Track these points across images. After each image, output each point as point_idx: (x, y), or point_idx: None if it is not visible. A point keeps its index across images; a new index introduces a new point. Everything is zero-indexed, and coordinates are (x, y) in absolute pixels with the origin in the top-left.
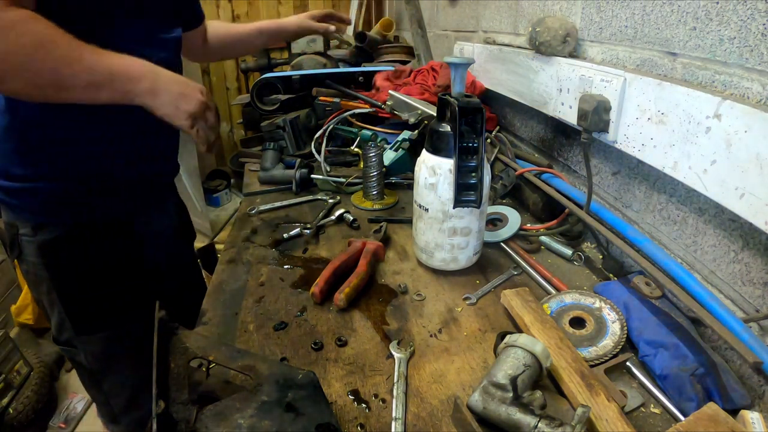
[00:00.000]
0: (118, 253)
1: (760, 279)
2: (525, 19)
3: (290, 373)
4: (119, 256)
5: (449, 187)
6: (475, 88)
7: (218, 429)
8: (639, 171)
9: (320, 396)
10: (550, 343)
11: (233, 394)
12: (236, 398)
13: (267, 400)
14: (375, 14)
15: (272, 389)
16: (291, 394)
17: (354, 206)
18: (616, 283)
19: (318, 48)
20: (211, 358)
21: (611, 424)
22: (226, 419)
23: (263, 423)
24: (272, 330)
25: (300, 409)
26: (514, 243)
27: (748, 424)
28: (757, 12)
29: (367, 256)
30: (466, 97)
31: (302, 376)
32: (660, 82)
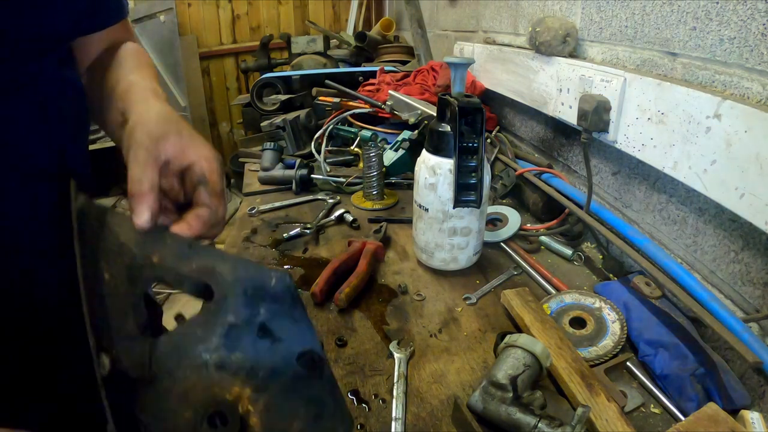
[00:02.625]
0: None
1: (760, 279)
2: (525, 19)
3: (260, 277)
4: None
5: (449, 187)
6: (475, 88)
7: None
8: (639, 171)
9: (299, 311)
10: (550, 343)
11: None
12: (196, 322)
13: (234, 323)
14: (375, 14)
15: (239, 305)
16: (263, 311)
17: (354, 206)
18: (616, 283)
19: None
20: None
21: (611, 424)
22: (188, 354)
23: (233, 356)
24: None
25: (276, 331)
26: (514, 243)
27: (748, 424)
28: (757, 12)
29: (367, 256)
30: (466, 97)
31: (275, 282)
32: (660, 82)
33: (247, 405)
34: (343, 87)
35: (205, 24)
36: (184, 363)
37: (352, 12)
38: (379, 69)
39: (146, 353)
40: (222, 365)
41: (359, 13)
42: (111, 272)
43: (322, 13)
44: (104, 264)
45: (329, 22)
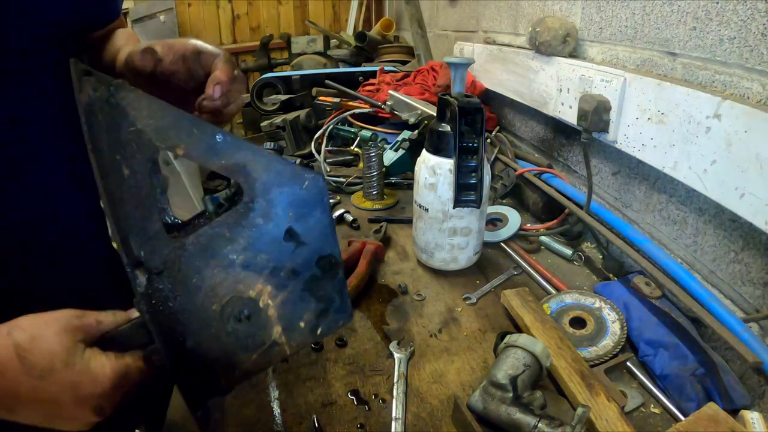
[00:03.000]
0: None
1: (760, 279)
2: (525, 19)
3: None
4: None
5: (449, 187)
6: (475, 88)
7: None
8: (639, 171)
9: (325, 214)
10: (550, 343)
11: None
12: (226, 222)
13: (262, 225)
14: (375, 14)
15: (269, 207)
16: (292, 214)
17: (354, 206)
18: (616, 283)
19: (318, 48)
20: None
21: (611, 424)
22: (216, 254)
23: (259, 257)
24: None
25: (301, 235)
26: (514, 243)
27: (748, 424)
28: (757, 12)
29: (367, 256)
30: (466, 97)
31: (308, 184)
32: (660, 82)
33: (266, 299)
34: (343, 87)
35: (205, 24)
36: (212, 263)
37: (352, 12)
38: (379, 69)
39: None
40: (247, 265)
41: (359, 13)
42: (130, 166)
43: (322, 13)
44: (121, 158)
45: (329, 22)
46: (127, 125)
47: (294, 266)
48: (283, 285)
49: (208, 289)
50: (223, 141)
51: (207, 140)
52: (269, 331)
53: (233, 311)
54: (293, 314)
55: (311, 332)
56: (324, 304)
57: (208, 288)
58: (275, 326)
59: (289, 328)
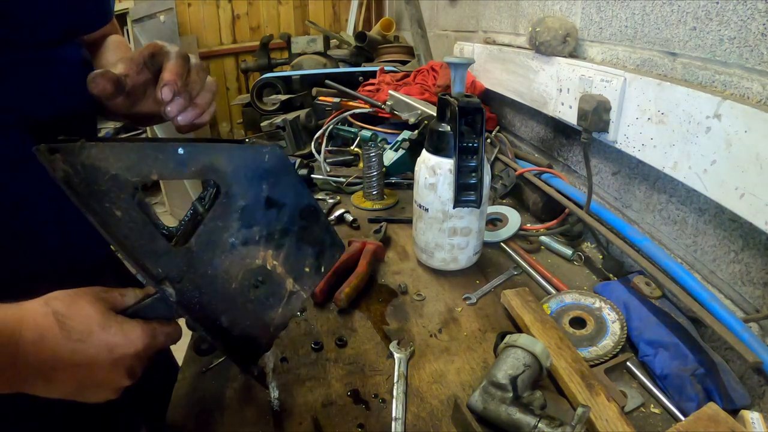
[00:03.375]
0: None
1: (760, 279)
2: (525, 19)
3: (254, 157)
4: None
5: (449, 187)
6: (475, 88)
7: (217, 258)
8: (639, 171)
9: (293, 175)
10: (550, 343)
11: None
12: (214, 215)
13: (245, 204)
14: (375, 14)
15: (244, 188)
16: (265, 186)
17: (354, 206)
18: (616, 283)
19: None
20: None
21: (611, 424)
22: (218, 244)
23: (252, 231)
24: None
25: (279, 199)
26: (514, 243)
27: (748, 424)
28: (757, 12)
29: (367, 256)
30: (466, 97)
31: (269, 157)
32: (660, 82)
33: (272, 261)
34: (343, 87)
35: (205, 24)
36: (217, 252)
37: (352, 12)
38: (379, 69)
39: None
40: (246, 241)
41: (359, 13)
42: (120, 208)
43: (322, 13)
44: (110, 204)
45: (329, 22)
46: (102, 176)
47: (283, 226)
48: (281, 244)
49: (223, 274)
50: (185, 152)
51: (172, 158)
52: (284, 286)
53: (249, 282)
54: (297, 264)
55: (317, 272)
56: (318, 246)
57: (222, 272)
58: (287, 279)
59: (298, 277)
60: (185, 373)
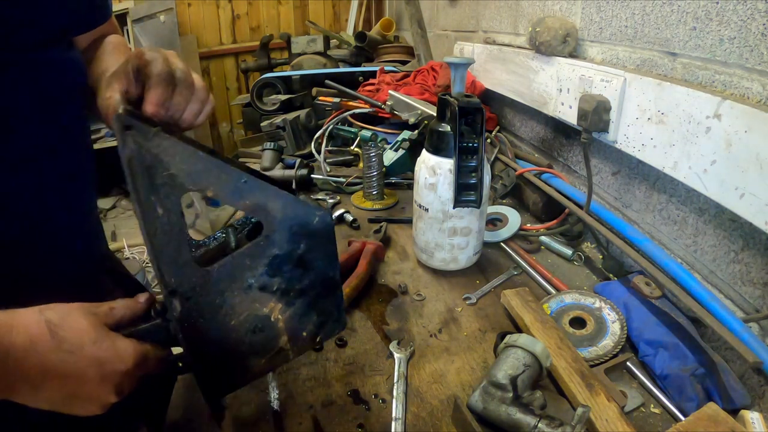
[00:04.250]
0: None
1: (760, 279)
2: (525, 19)
3: (306, 216)
4: None
5: (449, 187)
6: (475, 88)
7: (230, 292)
8: (639, 171)
9: (331, 244)
10: (550, 343)
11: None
12: (247, 253)
13: (278, 254)
14: (375, 14)
15: (284, 239)
16: (303, 245)
17: (354, 206)
18: (616, 283)
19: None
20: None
21: (611, 424)
22: (237, 279)
23: (273, 281)
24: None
25: (310, 262)
26: (514, 243)
27: (748, 424)
28: (757, 12)
29: (367, 256)
30: (466, 97)
31: (318, 220)
32: (660, 82)
33: (277, 314)
34: (343, 87)
35: (205, 24)
36: (234, 286)
37: (352, 12)
38: (379, 69)
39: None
40: (263, 287)
41: (359, 13)
42: (164, 206)
43: (322, 13)
44: (156, 199)
45: (329, 22)
46: (161, 170)
47: (302, 287)
48: (292, 303)
49: (229, 308)
50: (247, 183)
51: (233, 183)
52: (278, 340)
53: (249, 326)
54: (298, 326)
55: (311, 340)
56: (324, 317)
57: (229, 307)
58: (283, 336)
59: (294, 337)
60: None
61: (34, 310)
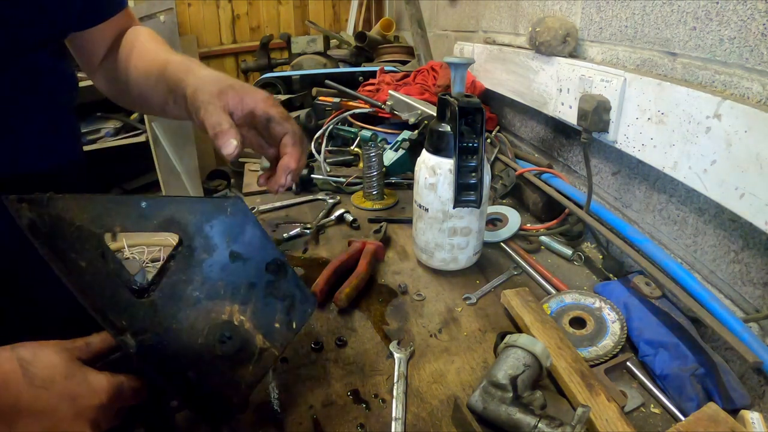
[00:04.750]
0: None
1: (760, 279)
2: (525, 19)
3: (217, 210)
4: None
5: (449, 187)
6: (475, 88)
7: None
8: (639, 171)
9: (255, 228)
10: (550, 343)
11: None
12: (177, 270)
13: (207, 258)
14: (375, 14)
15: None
16: (228, 240)
17: (354, 206)
18: (616, 283)
19: (318, 48)
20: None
21: (611, 424)
22: (182, 297)
23: (217, 285)
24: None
25: (243, 253)
26: (514, 243)
27: (748, 424)
28: (757, 12)
29: (367, 256)
30: (466, 97)
31: (231, 210)
32: (660, 82)
33: (239, 316)
34: (343, 87)
35: (205, 24)
36: (181, 305)
37: (352, 12)
38: (379, 69)
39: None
40: (210, 295)
41: (359, 13)
42: (84, 258)
43: (322, 13)
44: (75, 255)
45: (329, 22)
46: (68, 227)
47: (249, 280)
48: (247, 299)
49: (188, 328)
50: (147, 206)
51: (135, 211)
52: (253, 342)
53: (216, 337)
54: (266, 319)
55: (288, 329)
56: (288, 301)
57: (188, 327)
58: (256, 335)
59: (268, 333)
60: None
61: (6, 349)
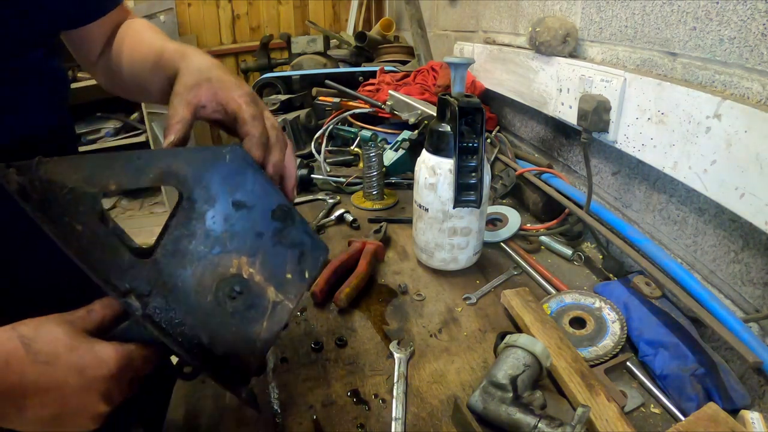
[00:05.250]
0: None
1: (760, 279)
2: (525, 19)
3: (215, 159)
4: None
5: (449, 187)
6: (475, 88)
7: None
8: (639, 171)
9: (257, 173)
10: (550, 343)
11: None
12: (177, 223)
13: (209, 209)
14: (375, 14)
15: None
16: (230, 188)
17: (354, 206)
18: (616, 283)
19: (318, 48)
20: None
21: (611, 424)
22: (186, 253)
23: (222, 236)
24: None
25: (246, 201)
26: (514, 243)
27: (748, 424)
28: (757, 12)
29: (367, 256)
30: (466, 97)
31: (230, 157)
32: (660, 82)
33: (248, 269)
34: (343, 87)
35: (205, 24)
36: (186, 262)
37: (352, 12)
38: (379, 69)
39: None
40: (216, 248)
41: (359, 13)
42: (80, 221)
43: (322, 13)
44: (69, 218)
45: (329, 22)
46: (60, 190)
47: (255, 230)
48: (255, 250)
49: (196, 286)
50: (141, 159)
51: (130, 165)
52: (266, 295)
53: (225, 293)
54: (277, 270)
55: (301, 278)
56: (298, 249)
57: (195, 285)
58: (268, 288)
59: (280, 285)
60: None
61: (6, 328)
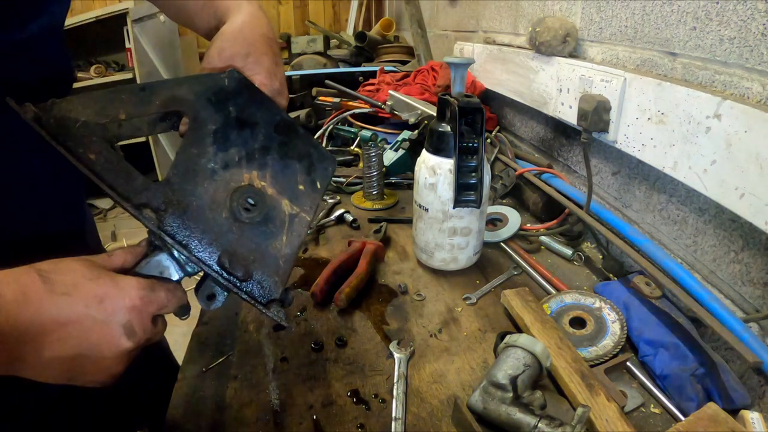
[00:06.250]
0: None
1: (760, 279)
2: (525, 19)
3: (214, 83)
4: None
5: (449, 187)
6: (475, 88)
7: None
8: (639, 171)
9: (257, 93)
10: (550, 343)
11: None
12: (187, 145)
13: (216, 128)
14: (375, 14)
15: (211, 112)
16: (232, 108)
17: (354, 206)
18: (616, 283)
19: (318, 48)
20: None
21: (611, 424)
22: (197, 172)
23: (230, 153)
24: (272, 330)
25: (249, 118)
26: (514, 243)
27: (748, 424)
28: (757, 12)
29: (367, 256)
30: (466, 97)
31: (228, 81)
32: (660, 82)
33: (259, 182)
34: (343, 87)
35: None
36: (198, 180)
37: (352, 12)
38: (379, 69)
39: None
40: (226, 164)
41: (359, 13)
42: (94, 150)
43: (322, 13)
44: (84, 150)
45: (329, 22)
46: (73, 124)
47: (261, 144)
48: (264, 164)
49: (210, 202)
50: (146, 90)
51: (135, 96)
52: (281, 208)
53: (240, 204)
54: (288, 182)
55: (313, 189)
56: (306, 160)
57: (209, 201)
58: (282, 201)
59: (293, 197)
60: (185, 373)
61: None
